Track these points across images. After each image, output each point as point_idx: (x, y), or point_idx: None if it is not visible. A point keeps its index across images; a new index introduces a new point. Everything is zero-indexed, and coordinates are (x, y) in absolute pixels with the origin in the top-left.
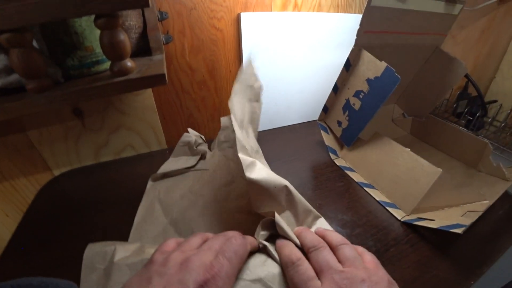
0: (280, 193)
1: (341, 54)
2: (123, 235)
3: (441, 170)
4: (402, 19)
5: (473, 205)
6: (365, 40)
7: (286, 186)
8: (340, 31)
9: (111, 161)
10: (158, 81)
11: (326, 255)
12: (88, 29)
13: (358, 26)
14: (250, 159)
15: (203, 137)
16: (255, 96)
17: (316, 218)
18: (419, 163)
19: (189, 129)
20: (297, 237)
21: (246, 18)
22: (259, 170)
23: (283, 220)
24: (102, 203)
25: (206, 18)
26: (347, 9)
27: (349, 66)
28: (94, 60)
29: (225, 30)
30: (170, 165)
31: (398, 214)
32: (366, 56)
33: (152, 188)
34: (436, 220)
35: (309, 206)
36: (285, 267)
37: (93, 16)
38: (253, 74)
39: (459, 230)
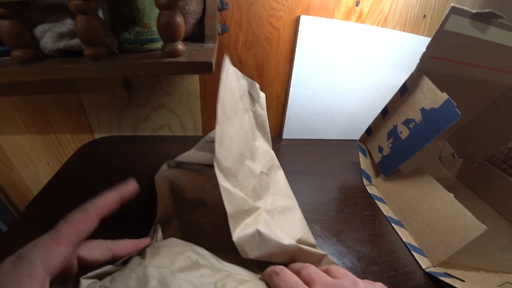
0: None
1: (395, 76)
2: (142, 208)
3: (486, 227)
4: (477, 49)
5: None
6: (428, 66)
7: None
8: (400, 51)
9: (147, 136)
10: (204, 69)
11: (317, 270)
12: (149, 7)
13: (423, 49)
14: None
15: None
16: (252, 99)
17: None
18: (461, 213)
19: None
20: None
21: (306, 21)
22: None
23: None
24: (131, 173)
25: (265, 15)
26: (414, 29)
27: (405, 90)
28: (149, 37)
29: (282, 30)
30: (189, 156)
31: (424, 262)
32: (426, 83)
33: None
34: (467, 282)
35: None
36: (269, 280)
37: None
38: (238, 78)
39: None
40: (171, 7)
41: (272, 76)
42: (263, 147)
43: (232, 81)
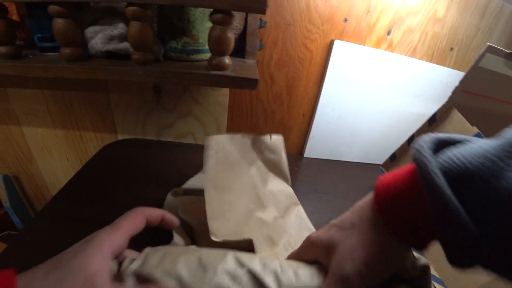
0: None
1: (420, 104)
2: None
3: None
4: (506, 86)
5: None
6: (459, 99)
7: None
8: (427, 82)
9: (170, 142)
10: (250, 85)
11: None
12: (200, 20)
13: (448, 81)
14: None
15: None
16: (258, 151)
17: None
18: None
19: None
20: None
21: (339, 46)
22: None
23: None
24: (152, 177)
25: (301, 36)
26: (441, 61)
27: (434, 121)
28: (196, 48)
29: (315, 52)
30: (195, 184)
31: None
32: (457, 115)
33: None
34: None
35: None
36: None
37: (207, 9)
38: (235, 142)
39: None
40: (224, 22)
41: (301, 96)
42: (278, 187)
43: (221, 154)
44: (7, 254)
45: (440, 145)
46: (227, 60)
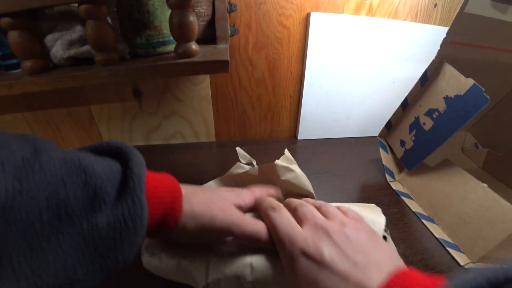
0: None
1: (412, 68)
2: None
3: None
4: (499, 32)
5: None
6: (449, 52)
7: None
8: (414, 43)
9: (159, 145)
10: (221, 68)
11: (312, 209)
12: (160, 9)
13: (436, 39)
14: None
15: (254, 162)
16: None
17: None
18: (498, 204)
19: (238, 149)
20: (286, 203)
21: (316, 18)
22: None
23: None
24: None
25: (275, 14)
26: (426, 19)
27: (425, 80)
28: (161, 40)
29: (292, 28)
30: None
31: (461, 259)
32: (449, 70)
33: None
34: None
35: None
36: (265, 213)
37: None
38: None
39: None
40: (183, 6)
41: (285, 76)
42: None
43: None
44: None
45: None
46: (193, 46)
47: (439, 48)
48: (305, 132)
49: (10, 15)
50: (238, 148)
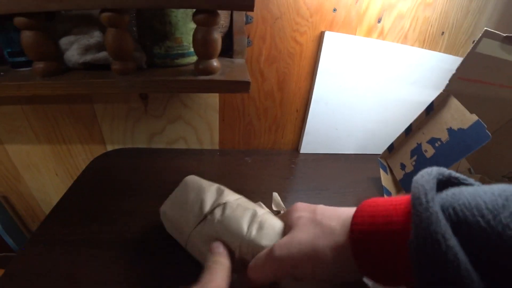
0: None
1: (415, 92)
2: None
3: None
4: (502, 70)
5: None
6: (457, 86)
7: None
8: (420, 68)
9: (161, 149)
10: (242, 88)
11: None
12: (182, 21)
13: (441, 66)
14: None
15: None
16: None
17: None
18: None
19: (274, 194)
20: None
21: (329, 38)
22: None
23: None
24: (145, 187)
25: (289, 30)
26: (432, 46)
27: (431, 110)
28: (180, 52)
29: (305, 45)
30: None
31: None
32: (454, 104)
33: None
34: None
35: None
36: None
37: (189, 10)
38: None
39: None
40: (209, 23)
41: (293, 91)
42: None
43: None
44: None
45: (441, 184)
46: (215, 63)
47: (447, 82)
48: (307, 146)
49: (26, 15)
50: (275, 194)
